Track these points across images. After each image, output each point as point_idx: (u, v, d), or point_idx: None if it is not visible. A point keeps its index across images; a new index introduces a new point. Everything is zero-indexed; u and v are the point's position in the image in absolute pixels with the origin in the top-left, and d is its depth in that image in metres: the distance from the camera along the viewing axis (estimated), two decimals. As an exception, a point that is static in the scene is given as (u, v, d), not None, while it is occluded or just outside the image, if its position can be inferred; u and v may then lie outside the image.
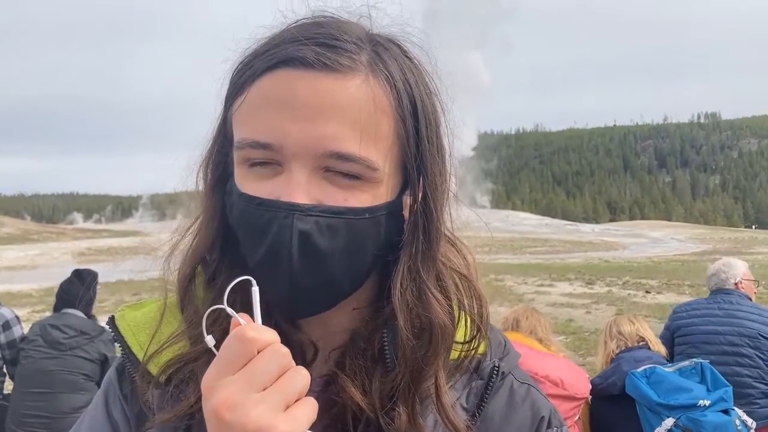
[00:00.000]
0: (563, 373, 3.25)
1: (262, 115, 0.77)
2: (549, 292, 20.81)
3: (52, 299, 5.14)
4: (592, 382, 3.70)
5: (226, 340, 0.67)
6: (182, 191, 0.92)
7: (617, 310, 16.53)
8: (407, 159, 0.83)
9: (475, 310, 0.90)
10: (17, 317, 4.97)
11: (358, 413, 0.82)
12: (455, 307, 0.88)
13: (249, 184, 0.79)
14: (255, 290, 0.70)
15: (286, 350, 0.67)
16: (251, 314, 0.69)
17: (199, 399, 0.78)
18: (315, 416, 0.67)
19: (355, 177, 0.78)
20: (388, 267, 0.85)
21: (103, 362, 4.81)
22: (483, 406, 0.90)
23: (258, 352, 0.65)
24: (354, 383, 0.83)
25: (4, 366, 4.89)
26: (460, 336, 0.89)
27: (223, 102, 0.86)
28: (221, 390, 0.64)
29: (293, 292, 0.77)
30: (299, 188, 0.76)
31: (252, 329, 0.66)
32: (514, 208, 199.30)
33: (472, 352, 0.91)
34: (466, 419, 0.88)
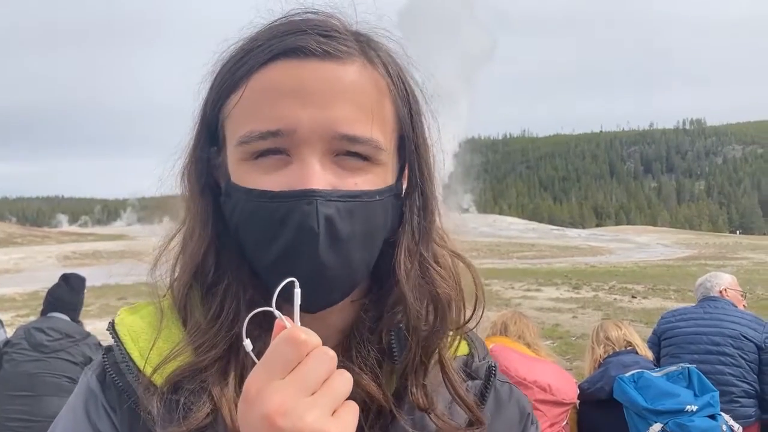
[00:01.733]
0: (551, 378, 3.26)
1: (268, 105, 0.77)
2: (536, 297, 20.87)
3: (37, 303, 5.11)
4: (579, 387, 3.71)
5: (273, 342, 0.65)
6: (169, 195, 0.90)
7: (603, 314, 16.61)
8: (407, 141, 0.85)
9: (472, 287, 0.91)
10: (0, 321, 4.93)
11: (369, 402, 0.82)
12: (455, 281, 0.89)
13: (256, 178, 0.78)
14: (297, 292, 0.68)
15: (333, 353, 0.65)
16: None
17: (213, 410, 0.77)
18: (357, 420, 0.66)
19: (363, 159, 0.79)
20: (383, 253, 0.85)
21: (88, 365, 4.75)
22: (482, 406, 0.91)
23: (306, 355, 0.64)
24: (366, 374, 0.82)
25: None
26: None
27: (204, 105, 0.84)
28: (273, 394, 0.62)
29: (317, 281, 0.76)
30: (314, 174, 0.76)
31: (303, 331, 0.64)
32: (501, 212, 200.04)
33: (463, 350, 0.94)
34: (465, 419, 0.88)
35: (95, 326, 8.49)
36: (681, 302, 18.25)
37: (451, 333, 0.90)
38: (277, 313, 0.67)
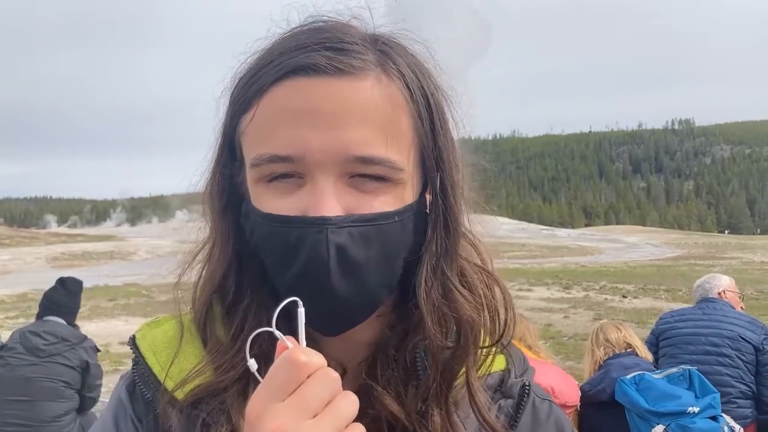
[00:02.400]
0: (554, 381, 3.25)
1: (278, 127, 0.74)
2: (527, 297, 20.92)
3: (26, 305, 5.08)
4: (581, 389, 3.71)
5: (274, 364, 0.63)
6: (158, 195, 0.88)
7: (595, 314, 16.70)
8: (426, 155, 0.81)
9: (500, 299, 0.88)
10: None
11: (393, 422, 0.80)
12: (482, 303, 0.86)
13: (270, 201, 0.77)
14: (301, 312, 0.67)
15: (336, 375, 0.64)
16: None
17: (231, 431, 0.76)
18: None
19: (381, 180, 0.76)
20: (408, 268, 0.82)
21: (84, 369, 4.73)
22: (515, 426, 0.88)
23: (308, 377, 0.62)
24: (389, 393, 0.80)
25: None
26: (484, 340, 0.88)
27: (224, 121, 0.83)
28: (272, 417, 0.60)
29: (334, 308, 0.75)
30: (327, 199, 0.74)
31: (303, 353, 0.63)
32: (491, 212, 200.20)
33: (500, 366, 0.90)
34: (503, 421, 0.87)
35: (87, 328, 8.44)
36: (671, 302, 18.37)
37: (484, 351, 0.87)
38: (277, 333, 0.65)
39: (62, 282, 5.03)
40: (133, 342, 0.91)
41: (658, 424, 3.30)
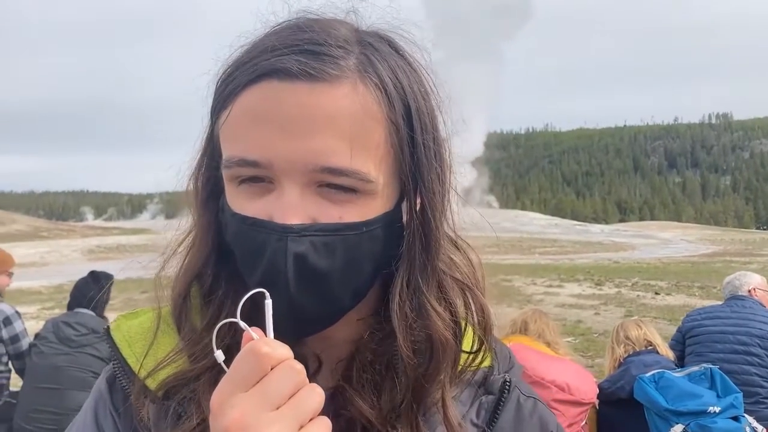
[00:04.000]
0: (570, 377, 3.23)
1: (247, 131, 0.73)
2: (558, 293, 20.73)
3: (62, 296, 5.18)
4: (600, 386, 3.68)
5: (238, 355, 0.63)
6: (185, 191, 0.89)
7: (626, 311, 16.48)
8: (404, 166, 0.78)
9: (477, 321, 0.87)
10: (17, 312, 4.99)
11: (368, 426, 0.80)
12: (460, 319, 0.84)
13: (240, 202, 0.76)
14: (268, 303, 0.67)
15: (300, 367, 0.64)
16: (259, 328, 0.66)
17: (202, 421, 0.77)
18: None
19: (350, 190, 0.74)
20: (391, 275, 0.81)
21: (113, 361, 4.81)
22: (494, 422, 0.88)
23: (272, 369, 0.62)
24: (362, 397, 0.80)
25: (9, 362, 4.92)
26: (467, 345, 0.87)
27: (209, 114, 0.82)
28: (233, 408, 0.61)
29: (293, 313, 0.74)
30: (291, 208, 0.73)
31: (266, 344, 0.63)
32: (523, 208, 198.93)
33: (476, 364, 0.88)
34: (483, 417, 0.87)
35: (119, 320, 8.56)
36: (705, 299, 18.05)
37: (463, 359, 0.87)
38: (243, 324, 0.65)
39: (93, 275, 5.11)
40: (107, 333, 0.91)
41: (677, 423, 3.25)
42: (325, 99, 0.72)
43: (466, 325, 0.86)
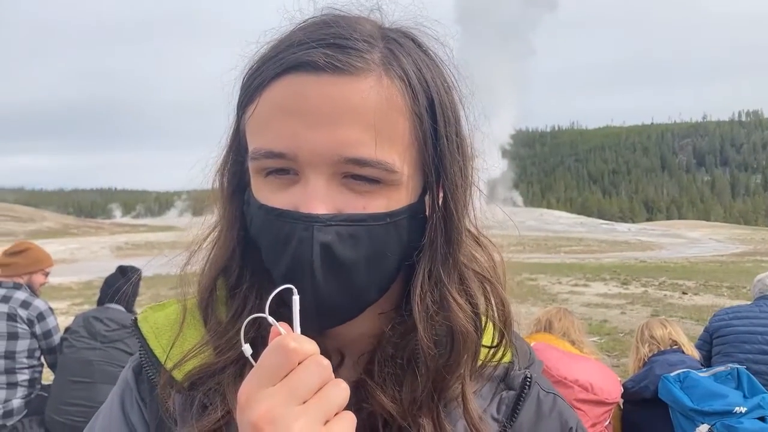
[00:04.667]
0: (594, 377, 3.20)
1: (274, 124, 0.75)
2: (583, 292, 20.52)
3: (91, 292, 5.23)
4: (624, 386, 3.64)
5: (266, 349, 0.64)
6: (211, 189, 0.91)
7: (653, 311, 16.27)
8: (427, 158, 0.80)
9: (497, 315, 0.88)
10: (50, 308, 5.08)
11: (389, 419, 0.81)
12: (481, 312, 0.85)
13: (266, 194, 0.78)
14: (296, 299, 0.68)
15: (327, 362, 0.64)
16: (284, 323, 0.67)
17: (227, 413, 0.78)
18: (353, 431, 0.65)
19: (374, 181, 0.76)
20: (409, 270, 0.83)
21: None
22: (515, 418, 0.89)
23: (299, 363, 0.63)
24: (384, 390, 0.81)
25: (42, 356, 5.01)
26: (487, 340, 0.88)
27: (235, 109, 0.84)
28: (261, 402, 0.61)
29: (319, 305, 0.75)
30: (317, 198, 0.74)
31: (293, 339, 0.63)
32: (548, 206, 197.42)
33: (496, 358, 0.89)
34: (497, 430, 0.87)
35: (147, 316, 8.66)
36: (734, 299, 17.78)
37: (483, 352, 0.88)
38: (271, 319, 0.66)
39: (122, 270, 5.17)
40: (135, 324, 0.93)
41: (702, 423, 3.21)
42: (351, 91, 0.74)
43: (486, 320, 0.87)
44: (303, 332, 0.67)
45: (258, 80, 0.78)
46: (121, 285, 4.97)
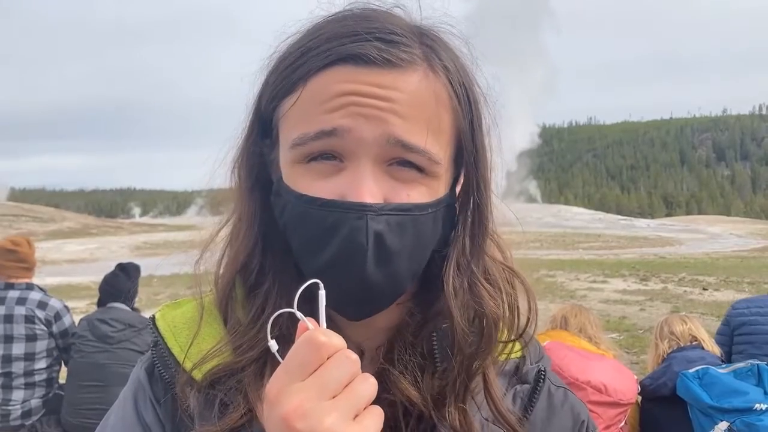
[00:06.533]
0: (607, 377, 3.14)
1: (323, 111, 0.75)
2: (602, 289, 20.38)
3: (110, 292, 5.18)
4: (641, 383, 3.60)
5: (295, 344, 0.64)
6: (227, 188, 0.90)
7: (672, 307, 16.13)
8: (465, 152, 0.83)
9: (525, 304, 0.90)
10: (66, 307, 5.09)
11: (410, 408, 0.82)
12: (503, 299, 0.87)
13: (306, 183, 0.77)
14: (322, 294, 0.68)
15: (355, 357, 0.65)
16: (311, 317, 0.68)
17: (248, 411, 0.78)
18: (381, 425, 0.65)
19: (417, 170, 0.77)
20: (431, 259, 0.84)
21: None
22: (530, 411, 0.90)
23: (328, 358, 0.63)
24: (405, 378, 0.82)
25: (59, 355, 5.03)
26: (500, 335, 0.88)
27: (259, 98, 0.83)
28: (291, 396, 0.61)
29: (363, 293, 0.76)
30: (366, 185, 0.75)
31: (323, 333, 0.64)
32: (566, 202, 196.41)
33: (506, 352, 0.91)
34: (518, 406, 0.89)
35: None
36: (755, 294, 17.55)
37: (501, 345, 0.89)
38: (299, 315, 0.66)
39: (122, 267, 5.16)
40: (152, 323, 0.93)
41: (722, 420, 3.16)
42: (402, 83, 0.76)
43: (506, 302, 0.89)
44: (328, 325, 0.68)
45: (301, 70, 0.78)
46: (123, 283, 4.96)
